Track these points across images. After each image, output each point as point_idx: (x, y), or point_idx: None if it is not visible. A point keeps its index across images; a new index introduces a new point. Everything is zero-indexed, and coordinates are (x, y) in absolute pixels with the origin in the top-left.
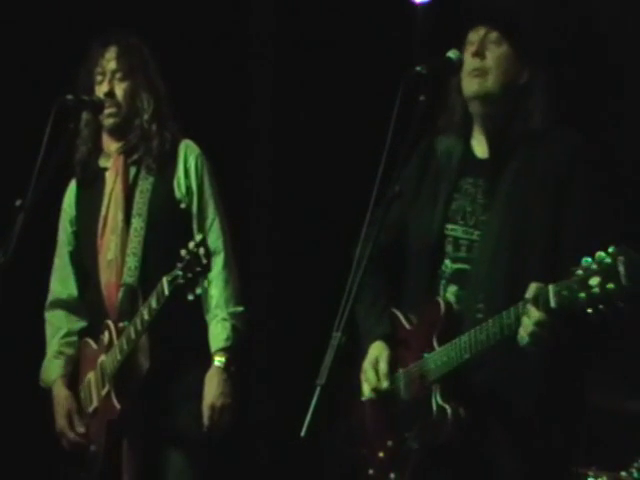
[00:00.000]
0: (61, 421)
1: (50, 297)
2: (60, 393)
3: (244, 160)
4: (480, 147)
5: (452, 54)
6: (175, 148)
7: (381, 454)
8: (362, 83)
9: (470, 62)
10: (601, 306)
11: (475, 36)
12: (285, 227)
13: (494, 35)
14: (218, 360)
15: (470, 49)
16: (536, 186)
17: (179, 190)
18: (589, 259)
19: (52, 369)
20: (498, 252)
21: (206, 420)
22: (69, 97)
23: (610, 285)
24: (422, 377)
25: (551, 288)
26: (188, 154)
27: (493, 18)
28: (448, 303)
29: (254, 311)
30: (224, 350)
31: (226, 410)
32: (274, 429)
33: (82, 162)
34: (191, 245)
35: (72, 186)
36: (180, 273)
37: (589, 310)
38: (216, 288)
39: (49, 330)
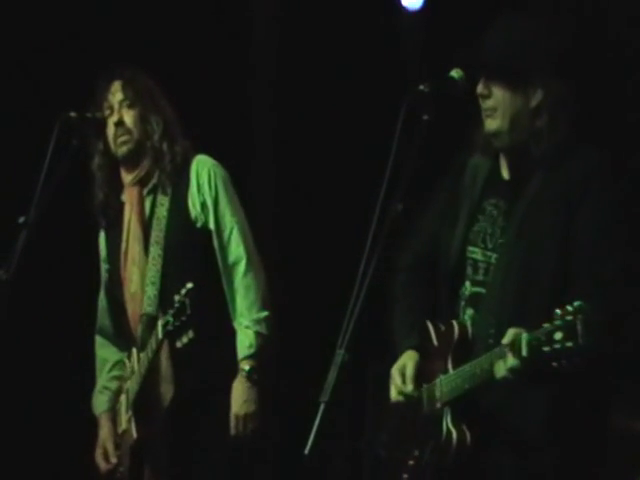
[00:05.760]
0: (98, 450)
1: (98, 323)
2: (103, 426)
3: (245, 175)
4: (505, 168)
5: (455, 73)
6: (187, 166)
7: (411, 462)
8: (364, 98)
9: (481, 102)
10: (563, 361)
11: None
12: (289, 242)
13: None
14: (243, 368)
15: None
16: (549, 209)
17: (194, 208)
18: (558, 310)
19: (98, 403)
20: (508, 277)
21: (232, 429)
22: (72, 114)
23: (569, 343)
24: (437, 397)
25: (524, 337)
26: (200, 169)
27: (484, 68)
28: (462, 327)
29: None
30: (248, 358)
31: (250, 418)
32: (276, 446)
33: (102, 209)
34: (182, 292)
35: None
36: (171, 319)
37: (553, 363)
38: (239, 296)
39: (98, 360)
